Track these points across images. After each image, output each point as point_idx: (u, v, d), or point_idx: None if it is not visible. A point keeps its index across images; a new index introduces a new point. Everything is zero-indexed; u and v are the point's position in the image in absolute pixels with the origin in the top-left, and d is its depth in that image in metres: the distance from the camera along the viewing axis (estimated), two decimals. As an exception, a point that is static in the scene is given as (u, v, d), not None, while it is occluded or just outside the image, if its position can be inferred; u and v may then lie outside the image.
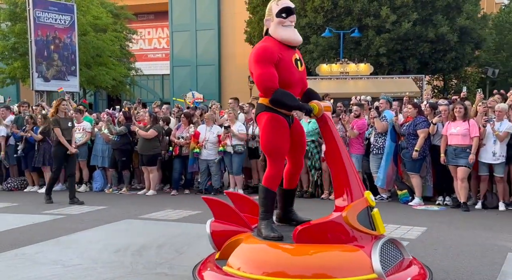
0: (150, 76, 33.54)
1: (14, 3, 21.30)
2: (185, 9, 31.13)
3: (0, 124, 9.61)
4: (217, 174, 8.93)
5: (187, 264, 4.33)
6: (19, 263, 4.53)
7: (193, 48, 31.51)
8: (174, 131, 9.16)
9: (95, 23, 22.72)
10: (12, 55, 22.30)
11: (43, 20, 18.21)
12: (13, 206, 7.77)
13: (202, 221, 6.36)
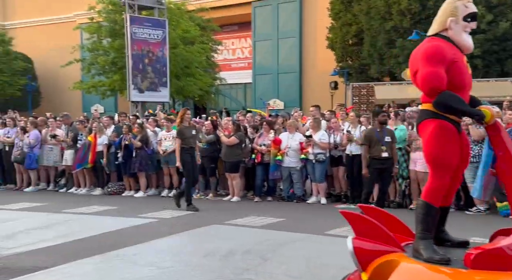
0: (233, 85, 34.33)
1: (114, 21, 22.80)
2: (267, 19, 31.59)
3: (103, 133, 10.35)
4: (299, 182, 8.96)
5: (271, 271, 4.42)
6: (120, 264, 4.89)
7: (275, 56, 31.84)
8: (256, 139, 9.34)
9: (184, 36, 23.65)
10: (111, 69, 23.79)
11: (139, 35, 19.42)
12: (112, 209, 8.23)
13: (285, 228, 6.46)
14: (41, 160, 10.75)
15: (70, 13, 33.81)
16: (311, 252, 5.16)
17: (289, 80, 31.34)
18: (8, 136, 10.99)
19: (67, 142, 10.54)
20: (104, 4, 22.89)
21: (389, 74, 22.34)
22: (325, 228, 6.42)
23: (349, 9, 23.36)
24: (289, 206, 8.46)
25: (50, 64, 33.06)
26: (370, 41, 21.87)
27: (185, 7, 26.03)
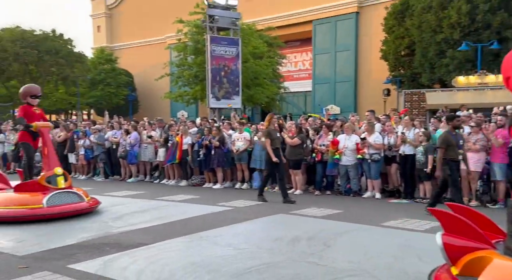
0: (295, 93, 34.22)
1: (197, 41, 23.59)
2: (326, 35, 31.16)
3: (188, 134, 10.71)
4: (355, 178, 8.73)
5: (333, 257, 4.35)
6: (203, 244, 5.04)
7: (332, 67, 31.33)
8: (316, 140, 9.23)
9: (254, 52, 23.93)
10: (194, 81, 24.65)
11: (217, 52, 19.93)
12: (195, 198, 8.47)
13: (343, 219, 6.32)
14: (139, 156, 11.28)
15: (162, 35, 35.44)
16: (368, 241, 5.01)
17: (345, 88, 30.68)
18: (115, 137, 11.67)
19: (160, 141, 11.01)
20: (190, 27, 23.71)
21: (439, 81, 21.20)
22: (381, 220, 6.21)
23: (402, 23, 22.48)
24: (346, 200, 8.28)
25: (146, 78, 34.88)
26: (421, 52, 20.91)
27: (255, 27, 26.31)
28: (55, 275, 3.90)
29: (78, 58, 29.87)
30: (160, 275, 3.92)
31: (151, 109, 34.33)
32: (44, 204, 6.20)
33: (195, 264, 4.20)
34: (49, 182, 6.44)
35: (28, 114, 6.79)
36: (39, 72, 28.94)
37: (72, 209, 6.37)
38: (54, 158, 6.84)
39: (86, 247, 4.86)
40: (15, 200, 6.36)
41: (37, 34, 28.05)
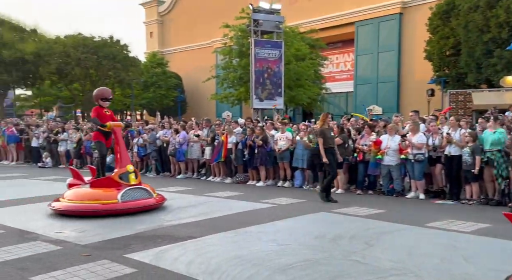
0: (337, 94, 33.66)
1: (242, 44, 23.83)
2: (369, 36, 30.37)
3: (233, 134, 10.84)
4: (398, 178, 8.44)
5: (376, 256, 4.23)
6: (248, 238, 5.07)
7: (374, 68, 30.49)
8: (358, 140, 9.02)
9: (296, 54, 23.80)
10: (239, 83, 24.94)
11: (260, 55, 20.03)
12: (240, 195, 8.53)
13: (386, 219, 6.13)
14: (187, 154, 11.57)
15: (209, 40, 36.12)
16: (412, 242, 4.83)
17: (387, 89, 29.76)
18: (165, 136, 12.04)
19: (207, 140, 11.22)
20: (235, 31, 23.99)
21: (486, 81, 20.04)
22: (425, 220, 5.96)
23: (447, 23, 21.48)
24: (389, 200, 8.02)
25: (194, 80, 35.72)
26: (467, 52, 19.86)
27: (298, 30, 26.15)
28: (113, 264, 4.08)
29: (132, 62, 31.09)
30: (208, 267, 3.99)
31: (198, 110, 35.10)
32: (119, 199, 6.32)
33: (240, 257, 4.25)
34: (122, 178, 6.57)
35: (100, 115, 6.99)
36: (98, 76, 30.43)
37: (143, 205, 6.47)
38: (126, 156, 6.99)
39: (140, 239, 5.05)
40: (91, 195, 6.48)
41: (97, 40, 29.49)
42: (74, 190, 6.67)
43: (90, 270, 3.90)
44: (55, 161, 14.59)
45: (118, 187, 6.48)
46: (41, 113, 34.93)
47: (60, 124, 15.85)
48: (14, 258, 4.25)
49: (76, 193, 6.56)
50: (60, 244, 4.78)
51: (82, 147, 13.73)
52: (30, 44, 28.40)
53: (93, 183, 6.76)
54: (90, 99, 31.03)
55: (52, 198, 7.87)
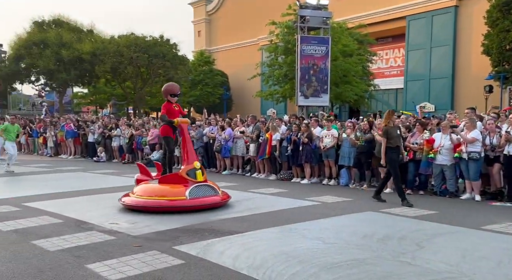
0: (386, 91, 32.61)
1: (288, 41, 23.74)
2: (421, 30, 29.10)
3: (277, 131, 10.83)
4: (452, 178, 8.03)
5: (427, 258, 4.06)
6: (293, 235, 5.06)
7: (427, 63, 29.17)
8: (409, 138, 8.67)
9: (343, 50, 23.33)
10: (284, 80, 24.89)
11: (306, 52, 19.83)
12: (284, 192, 8.51)
13: (439, 220, 5.86)
14: (232, 151, 11.74)
15: (255, 38, 36.38)
16: (466, 245, 4.58)
17: (441, 85, 28.39)
18: (212, 132, 12.30)
19: (252, 137, 11.31)
20: (281, 28, 23.93)
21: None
22: (481, 223, 5.63)
23: (507, 16, 20.07)
24: (441, 201, 7.65)
25: (239, 78, 36.13)
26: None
27: (345, 25, 25.60)
28: (163, 255, 4.24)
29: (181, 61, 31.97)
30: (254, 261, 4.03)
31: (243, 107, 35.47)
32: (187, 196, 6.27)
33: (286, 254, 4.24)
34: (189, 175, 6.51)
35: (169, 111, 6.98)
36: (149, 74, 31.63)
37: (209, 202, 6.41)
38: (193, 153, 6.88)
39: (188, 231, 5.20)
40: (160, 191, 6.43)
41: (148, 40, 30.64)
42: (143, 186, 6.67)
43: (141, 260, 4.07)
44: (109, 155, 15.37)
45: (185, 183, 6.45)
46: (96, 110, 36.99)
47: (114, 120, 16.66)
48: (71, 246, 4.54)
49: (145, 188, 6.56)
50: (114, 235, 5.03)
51: (134, 143, 14.35)
52: (87, 44, 30.06)
53: (161, 179, 6.69)
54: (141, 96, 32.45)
55: (106, 190, 8.35)
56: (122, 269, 3.81)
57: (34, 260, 4.05)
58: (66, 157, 16.52)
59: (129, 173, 11.21)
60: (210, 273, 3.73)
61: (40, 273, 3.70)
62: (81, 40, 30.86)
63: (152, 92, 34.10)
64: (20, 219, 5.77)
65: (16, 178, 10.24)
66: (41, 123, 18.32)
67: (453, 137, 7.81)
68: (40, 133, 17.82)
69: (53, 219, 5.81)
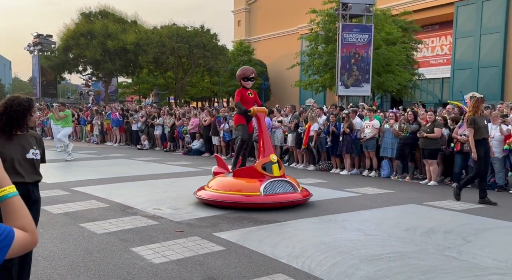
0: (431, 80, 31.23)
1: (328, 29, 23.23)
2: (470, 17, 27.48)
3: (316, 121, 10.69)
4: (501, 171, 7.62)
5: (475, 253, 3.89)
6: (332, 226, 5.02)
7: (476, 51, 27.56)
8: (456, 129, 8.29)
9: (387, 38, 22.54)
10: (324, 69, 24.44)
11: (348, 40, 19.33)
12: (323, 182, 8.42)
13: (487, 214, 5.60)
14: (271, 140, 11.71)
15: (294, 27, 35.92)
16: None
17: (490, 74, 26.79)
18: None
19: (289, 127, 11.25)
20: (322, 16, 23.44)
21: None
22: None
23: None
24: (490, 194, 7.24)
25: (278, 68, 35.92)
26: None
27: (389, 12, 24.65)
28: (204, 241, 4.34)
29: (221, 51, 32.21)
30: (293, 250, 4.04)
31: (282, 97, 35.31)
32: (261, 192, 5.76)
33: (326, 244, 4.22)
34: (265, 169, 5.96)
35: (243, 98, 6.31)
36: (189, 64, 32.16)
37: (287, 200, 5.81)
38: (269, 144, 6.27)
39: (227, 219, 5.29)
40: (234, 185, 6.03)
41: (189, 30, 31.08)
42: (218, 179, 6.32)
43: (183, 245, 4.19)
44: (151, 143, 15.88)
45: (260, 178, 5.92)
46: (140, 99, 38.20)
47: (156, 109, 17.15)
48: (117, 229, 4.74)
49: (219, 182, 6.20)
50: (157, 220, 5.21)
51: (175, 131, 14.72)
52: (131, 34, 30.95)
53: (236, 172, 6.25)
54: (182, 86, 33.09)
55: (149, 177, 8.64)
56: (165, 253, 3.94)
57: (83, 242, 4.28)
58: (112, 144, 17.23)
59: (170, 161, 11.54)
60: (250, 260, 3.78)
61: (89, 254, 3.90)
62: (126, 31, 31.79)
63: (192, 82, 34.69)
64: (70, 202, 6.09)
65: (65, 164, 10.81)
66: (88, 112, 19.20)
67: (503, 128, 7.38)
68: (88, 121, 18.68)
69: (100, 203, 6.09)
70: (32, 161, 2.92)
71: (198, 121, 13.98)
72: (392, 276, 3.39)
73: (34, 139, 2.99)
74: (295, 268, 3.59)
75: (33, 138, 3.00)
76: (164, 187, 7.44)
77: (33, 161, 2.93)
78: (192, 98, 38.70)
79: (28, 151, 2.90)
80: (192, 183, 7.31)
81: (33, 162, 2.94)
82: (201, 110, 15.93)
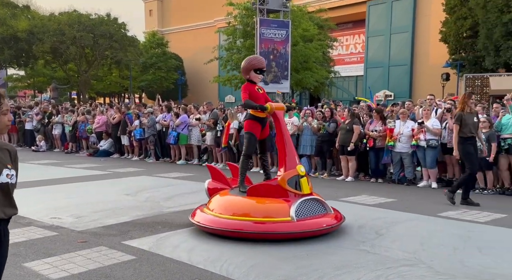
0: (346, 77, 33.46)
1: (246, 24, 23.54)
2: (381, 16, 29.99)
3: (235, 118, 10.77)
4: (410, 166, 8.42)
5: (386, 246, 4.23)
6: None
7: (386, 50, 30.19)
8: (367, 125, 8.97)
9: (304, 35, 23.50)
10: (243, 65, 24.67)
11: (266, 35, 19.78)
12: None
13: (397, 208, 6.13)
14: (188, 139, 11.54)
15: (211, 19, 35.81)
16: (424, 232, 4.83)
17: (400, 73, 29.53)
18: (164, 120, 12.04)
19: (208, 125, 11.20)
20: (239, 10, 23.69)
21: (504, 65, 19.81)
22: (437, 210, 5.96)
23: (465, 3, 21.11)
24: (400, 189, 8.01)
25: (195, 62, 35.53)
26: (486, 34, 19.56)
27: (306, 9, 25.80)
28: (111, 250, 4.11)
29: (130, 42, 30.92)
30: (211, 254, 4.02)
31: (200, 93, 35.04)
32: (293, 216, 4.44)
33: (245, 246, 4.26)
34: (290, 184, 4.67)
35: (252, 96, 5.00)
36: (94, 56, 30.32)
37: (323, 225, 4.54)
38: (293, 152, 5.01)
39: (139, 225, 5.08)
40: (249, 208, 4.64)
41: (93, 18, 29.29)
42: (223, 199, 4.90)
43: (87, 256, 3.93)
44: (49, 144, 14.66)
45: (286, 197, 4.64)
46: (35, 94, 35.00)
47: (53, 106, 15.86)
48: (8, 243, 4.27)
49: (227, 203, 4.80)
50: (55, 230, 4.81)
51: (77, 130, 13.78)
52: (22, 21, 28.28)
53: (250, 190, 4.83)
54: (86, 80, 31.06)
55: (47, 182, 7.95)
56: (65, 267, 3.65)
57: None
58: (1, 146, 15.55)
59: (73, 164, 10.76)
60: (163, 268, 3.67)
61: (-30, 276, 3.46)
62: (16, 17, 28.93)
63: (98, 76, 32.75)
64: None
65: None
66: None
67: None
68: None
69: (-14, 215, 5.43)
70: (5, 187, 2.08)
71: (105, 118, 13.23)
72: (309, 273, 3.54)
73: (6, 154, 2.14)
74: (213, 272, 3.57)
75: (5, 151, 2.13)
76: (65, 194, 6.92)
77: (7, 186, 2.09)
78: (98, 93, 36.57)
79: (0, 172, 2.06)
80: (99, 188, 6.89)
81: (7, 189, 2.09)
82: (109, 106, 15.09)
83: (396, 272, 3.58)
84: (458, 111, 6.48)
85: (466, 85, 18.58)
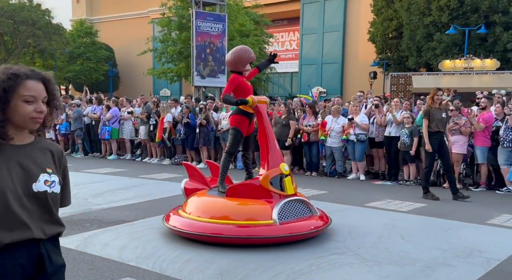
0: (282, 74, 34.16)
1: (182, 16, 23.06)
2: (315, 15, 30.96)
3: (168, 112, 10.55)
4: (341, 160, 8.83)
5: (319, 236, 4.38)
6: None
7: (319, 48, 31.28)
8: (301, 120, 9.25)
9: (240, 30, 23.59)
10: (178, 58, 24.21)
11: (202, 28, 19.55)
12: (179, 177, 8.05)
13: (328, 200, 6.40)
14: (120, 133, 11.11)
15: (145, 9, 34.57)
16: (353, 221, 5.10)
17: (332, 70, 30.74)
18: (94, 113, 11.45)
19: (142, 118, 10.85)
20: (174, 1, 23.14)
21: (425, 65, 21.46)
22: (365, 201, 6.32)
23: (391, 5, 22.51)
24: (331, 181, 8.37)
25: (128, 53, 34.12)
26: (409, 35, 21.02)
27: (242, 4, 25.87)
28: (34, 251, 3.83)
29: (56, 30, 28.92)
30: (143, 251, 3.91)
31: (133, 86, 33.73)
32: (275, 219, 4.15)
33: (180, 241, 4.20)
34: (273, 184, 4.37)
35: (241, 88, 4.65)
36: (14, 44, 27.98)
37: (309, 228, 4.27)
38: (277, 149, 4.66)
39: (65, 223, 4.77)
40: (229, 210, 4.32)
41: (13, 3, 26.99)
42: (200, 200, 4.57)
43: (7, 259, 3.62)
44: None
45: (268, 198, 4.34)
46: None
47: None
48: None
49: (204, 205, 4.48)
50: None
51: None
52: None
53: (229, 191, 4.49)
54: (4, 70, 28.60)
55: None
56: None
57: None
58: None
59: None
60: (92, 267, 3.50)
61: None
62: None
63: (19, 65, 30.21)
64: None
65: None
66: None
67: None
68: None
69: None
70: (42, 197, 1.58)
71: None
72: (244, 266, 3.58)
73: (48, 155, 1.66)
74: (145, 269, 3.48)
75: (46, 153, 1.65)
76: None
77: (45, 196, 1.58)
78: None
79: (35, 178, 1.57)
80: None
81: (45, 199, 1.59)
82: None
83: (327, 260, 3.74)
84: (426, 107, 6.66)
85: (391, 83, 19.85)
